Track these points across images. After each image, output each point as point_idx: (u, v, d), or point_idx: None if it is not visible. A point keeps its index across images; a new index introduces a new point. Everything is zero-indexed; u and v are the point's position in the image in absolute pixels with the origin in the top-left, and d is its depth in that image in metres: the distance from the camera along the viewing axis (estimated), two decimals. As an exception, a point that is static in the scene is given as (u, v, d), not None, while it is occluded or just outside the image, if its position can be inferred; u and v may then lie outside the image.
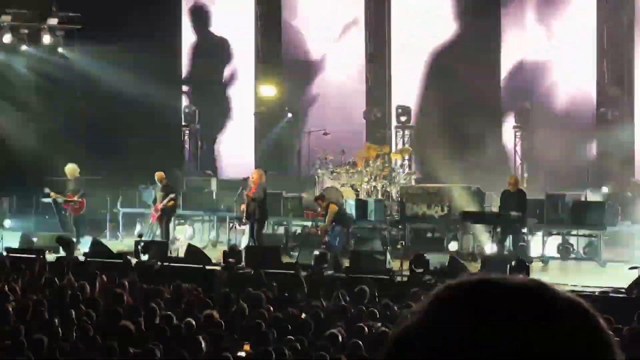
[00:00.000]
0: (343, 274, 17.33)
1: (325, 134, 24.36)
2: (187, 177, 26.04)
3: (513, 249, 19.27)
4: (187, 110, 28.64)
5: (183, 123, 28.54)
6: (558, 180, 22.46)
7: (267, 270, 16.72)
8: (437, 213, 20.69)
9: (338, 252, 19.23)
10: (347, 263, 18.46)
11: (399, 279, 17.05)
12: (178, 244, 21.26)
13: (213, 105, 28.55)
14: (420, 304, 1.44)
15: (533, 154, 24.36)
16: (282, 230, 22.16)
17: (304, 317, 12.57)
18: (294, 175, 26.35)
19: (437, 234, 21.30)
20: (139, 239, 20.95)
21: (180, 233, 23.26)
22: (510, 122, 25.26)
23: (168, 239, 21.16)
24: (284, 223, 22.04)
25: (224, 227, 22.83)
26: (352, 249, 19.69)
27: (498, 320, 1.37)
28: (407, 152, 25.20)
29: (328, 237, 19.57)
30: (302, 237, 21.33)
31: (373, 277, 16.31)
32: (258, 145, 28.17)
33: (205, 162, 28.65)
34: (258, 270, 16.66)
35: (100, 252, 19.70)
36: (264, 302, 13.49)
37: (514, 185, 19.74)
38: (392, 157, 24.40)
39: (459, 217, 20.36)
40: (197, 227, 23.85)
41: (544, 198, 20.54)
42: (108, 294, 14.11)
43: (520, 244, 19.35)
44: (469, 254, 19.99)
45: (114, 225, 24.06)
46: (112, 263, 18.15)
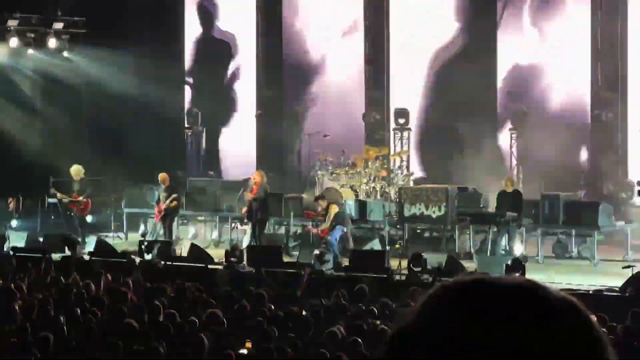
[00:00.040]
0: (343, 273, 17.35)
1: (325, 136, 24.35)
2: (189, 177, 26.03)
3: (509, 249, 19.31)
4: (189, 112, 28.62)
5: (186, 125, 28.53)
6: (553, 181, 22.46)
7: (268, 269, 16.75)
8: (434, 213, 20.69)
9: (338, 251, 19.24)
10: (346, 262, 18.49)
11: (398, 278, 17.06)
12: (181, 244, 21.27)
13: (215, 107, 28.53)
14: (416, 304, 1.44)
15: (529, 155, 24.34)
16: (282, 230, 22.17)
17: (305, 314, 12.59)
18: (295, 176, 26.35)
19: (434, 234, 21.31)
20: (143, 239, 20.99)
21: (183, 233, 23.27)
22: (506, 124, 25.25)
23: (171, 239, 21.17)
24: (285, 223, 22.04)
25: (226, 227, 22.84)
26: (351, 249, 19.71)
27: (492, 320, 1.37)
28: (405, 153, 25.23)
29: (328, 236, 19.57)
30: (302, 236, 21.33)
31: (372, 276, 16.33)
32: (260, 146, 28.16)
33: (208, 163, 28.63)
34: (259, 269, 16.68)
35: (105, 251, 19.72)
36: (266, 300, 13.50)
37: (510, 186, 19.78)
38: (390, 158, 24.43)
39: (456, 217, 20.37)
40: (199, 227, 23.86)
41: (540, 198, 20.56)
42: (112, 293, 14.13)
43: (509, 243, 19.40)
44: (466, 254, 19.99)
45: (118, 225, 24.08)
46: (116, 262, 18.18)
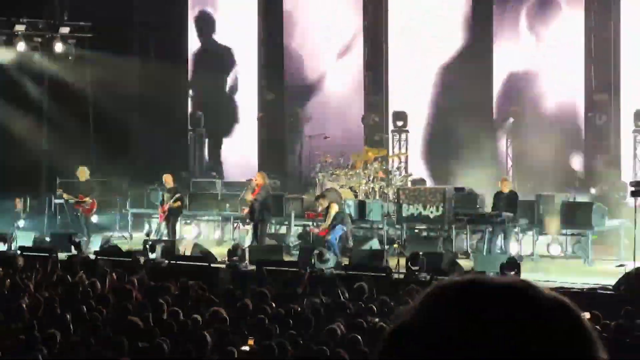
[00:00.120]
0: (342, 272, 17.31)
1: (326, 138, 24.35)
2: (193, 179, 26.00)
3: (505, 248, 19.27)
4: (193, 116, 28.58)
5: (189, 127, 28.49)
6: (548, 182, 22.42)
7: (269, 268, 16.70)
8: (432, 213, 20.65)
9: (338, 250, 19.20)
10: (346, 261, 18.46)
11: (396, 277, 17.03)
12: (185, 243, 21.23)
13: (218, 110, 28.49)
14: (414, 303, 1.43)
15: (524, 157, 24.30)
16: (284, 230, 22.16)
17: (305, 311, 12.54)
18: (296, 177, 26.33)
19: (432, 234, 21.27)
20: (147, 238, 20.95)
21: (187, 232, 23.24)
22: (503, 126, 25.20)
23: (175, 238, 21.13)
24: (286, 223, 22.02)
25: (229, 226, 22.82)
26: (351, 248, 19.67)
27: (488, 319, 1.37)
28: (403, 155, 25.22)
29: (329, 236, 19.53)
30: (303, 236, 21.30)
31: (371, 274, 16.29)
32: (261, 148, 28.13)
33: (211, 164, 28.60)
34: (261, 268, 16.63)
35: (110, 250, 19.70)
36: (268, 298, 13.46)
37: (506, 187, 19.73)
38: (389, 159, 24.41)
39: (453, 217, 20.33)
40: (202, 226, 23.84)
41: (535, 199, 20.53)
42: (117, 291, 14.09)
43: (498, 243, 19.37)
44: (463, 253, 19.95)
45: (123, 225, 24.05)
46: (121, 261, 18.15)
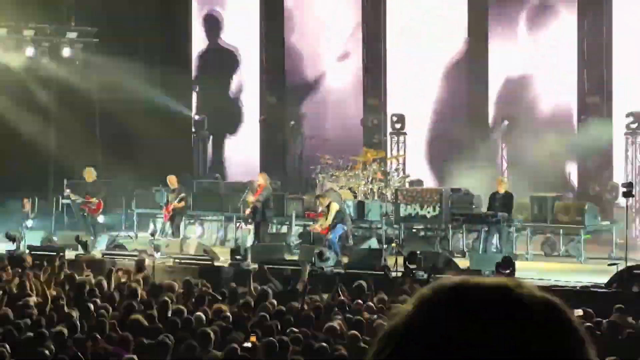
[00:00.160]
0: (342, 270, 17.35)
1: (326, 140, 24.35)
2: (196, 180, 26.01)
3: (500, 247, 19.30)
4: (196, 118, 28.61)
5: (193, 129, 28.51)
6: (542, 183, 22.44)
7: (271, 267, 16.73)
8: (429, 213, 20.68)
9: (339, 249, 19.23)
10: (346, 260, 18.49)
11: (394, 275, 17.06)
12: (188, 242, 21.25)
13: (222, 112, 28.49)
14: (410, 302, 1.43)
15: (519, 158, 24.31)
16: (285, 230, 22.19)
17: (306, 309, 12.58)
18: (296, 178, 26.34)
19: (429, 233, 21.30)
20: (152, 238, 20.98)
21: (191, 232, 23.26)
22: (498, 128, 25.21)
23: (179, 238, 21.16)
24: (287, 223, 22.05)
25: (231, 226, 22.85)
26: (350, 247, 19.70)
27: (488, 319, 1.37)
28: (401, 156, 25.24)
29: (330, 235, 19.56)
30: (304, 235, 21.33)
31: (370, 273, 16.33)
32: (263, 150, 28.13)
33: (214, 166, 28.61)
34: (263, 267, 16.67)
35: (116, 249, 19.72)
36: (270, 296, 13.50)
37: (501, 188, 19.76)
38: (387, 161, 24.43)
39: (450, 217, 20.36)
40: (206, 226, 23.86)
41: (529, 199, 20.56)
42: (123, 289, 14.13)
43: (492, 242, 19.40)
44: (459, 252, 19.99)
45: (129, 225, 24.07)
46: (127, 260, 18.17)
